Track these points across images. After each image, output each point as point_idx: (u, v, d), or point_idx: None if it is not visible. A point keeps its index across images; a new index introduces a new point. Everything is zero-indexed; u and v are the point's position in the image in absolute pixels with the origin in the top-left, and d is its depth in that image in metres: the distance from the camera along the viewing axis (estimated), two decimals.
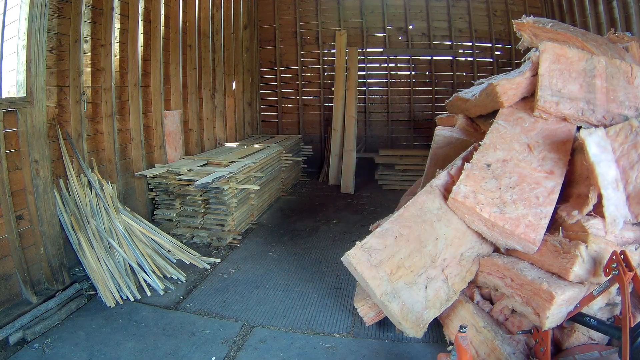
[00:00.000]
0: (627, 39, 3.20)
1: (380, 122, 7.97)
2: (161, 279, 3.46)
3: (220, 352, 2.62)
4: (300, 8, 7.89)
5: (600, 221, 2.22)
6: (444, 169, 2.84)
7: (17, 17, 2.98)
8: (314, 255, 4.18)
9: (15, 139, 3.05)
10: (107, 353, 2.59)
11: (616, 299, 2.23)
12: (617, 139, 2.35)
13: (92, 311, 3.06)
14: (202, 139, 5.98)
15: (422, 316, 2.41)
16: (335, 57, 7.53)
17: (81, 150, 3.74)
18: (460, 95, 3.64)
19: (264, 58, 8.19)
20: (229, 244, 4.39)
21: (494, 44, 7.35)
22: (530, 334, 2.26)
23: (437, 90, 7.61)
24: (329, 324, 2.95)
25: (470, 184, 2.50)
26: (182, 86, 5.37)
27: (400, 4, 7.53)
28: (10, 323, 2.70)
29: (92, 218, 3.47)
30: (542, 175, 2.51)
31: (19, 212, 3.05)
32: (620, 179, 2.26)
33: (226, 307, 3.18)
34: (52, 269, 3.21)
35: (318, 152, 7.95)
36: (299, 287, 3.49)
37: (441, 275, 2.50)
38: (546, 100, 2.73)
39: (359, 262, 2.43)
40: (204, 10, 5.96)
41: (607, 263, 1.92)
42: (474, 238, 2.59)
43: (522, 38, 3.14)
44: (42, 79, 3.10)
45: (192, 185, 4.18)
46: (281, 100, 8.24)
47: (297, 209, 5.82)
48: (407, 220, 2.58)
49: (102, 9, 3.97)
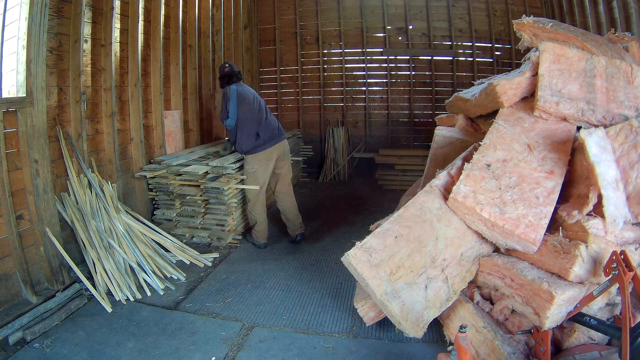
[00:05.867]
0: (627, 39, 3.19)
1: (380, 122, 7.96)
2: (161, 279, 3.46)
3: (220, 352, 2.62)
4: (300, 8, 7.89)
5: (600, 221, 2.21)
6: (444, 169, 2.83)
7: (17, 17, 2.98)
8: (314, 255, 4.17)
9: (15, 139, 3.05)
10: (107, 353, 2.59)
11: (616, 299, 2.23)
12: (617, 139, 2.35)
13: (92, 311, 3.06)
14: (202, 139, 5.98)
15: (422, 316, 2.41)
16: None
17: (81, 150, 3.74)
18: (460, 95, 3.64)
19: (264, 58, 8.19)
20: (229, 244, 4.39)
21: (494, 44, 7.34)
22: (530, 334, 2.26)
23: (437, 90, 7.59)
24: (329, 324, 2.95)
25: (470, 184, 2.50)
26: (182, 86, 5.36)
27: (400, 4, 7.52)
28: (10, 323, 2.70)
29: (92, 218, 3.47)
30: (542, 175, 2.51)
31: (19, 212, 3.05)
32: (620, 179, 2.26)
33: (226, 307, 3.18)
34: (52, 269, 3.21)
35: (318, 152, 7.95)
36: (299, 287, 3.49)
37: (441, 275, 2.50)
38: (546, 100, 2.73)
39: (359, 262, 2.42)
40: (204, 10, 5.96)
41: (607, 263, 1.92)
42: (474, 238, 2.59)
43: (522, 38, 3.14)
44: (42, 79, 3.10)
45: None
46: (281, 100, 8.24)
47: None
48: (407, 220, 2.58)
49: (102, 9, 3.97)
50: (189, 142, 5.62)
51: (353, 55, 7.88)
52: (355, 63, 7.89)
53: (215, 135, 6.35)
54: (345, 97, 7.98)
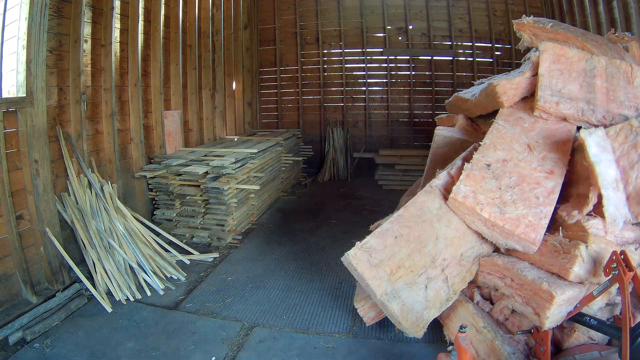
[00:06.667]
0: (627, 39, 3.20)
1: (380, 122, 7.97)
2: (161, 279, 3.46)
3: (220, 352, 2.62)
4: (300, 8, 7.89)
5: (600, 221, 2.21)
6: (444, 169, 2.83)
7: (17, 17, 2.98)
8: (314, 255, 4.17)
9: (15, 139, 3.05)
10: (107, 353, 2.59)
11: (616, 299, 2.23)
12: (617, 139, 2.35)
13: (92, 311, 3.06)
14: (202, 139, 5.98)
15: (422, 316, 2.41)
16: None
17: (81, 150, 3.74)
18: (460, 95, 3.64)
19: (264, 58, 8.19)
20: (229, 244, 4.39)
21: (494, 44, 7.35)
22: (530, 334, 2.26)
23: (437, 90, 7.61)
24: (329, 324, 2.95)
25: (470, 184, 2.50)
26: (182, 86, 5.37)
27: (400, 4, 7.53)
28: (10, 323, 2.70)
29: (92, 218, 3.47)
30: (542, 175, 2.51)
31: (19, 212, 3.05)
32: (620, 179, 2.26)
33: (226, 307, 3.18)
34: (52, 269, 3.21)
35: (318, 152, 7.96)
36: (299, 287, 3.49)
37: (441, 275, 2.50)
38: (546, 100, 2.73)
39: (359, 262, 2.42)
40: (204, 10, 5.96)
41: (607, 263, 1.92)
42: (474, 238, 2.59)
43: (522, 38, 3.14)
44: (42, 79, 3.10)
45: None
46: (281, 100, 8.24)
47: (297, 209, 5.82)
48: (407, 220, 2.58)
49: (102, 9, 3.97)
50: (189, 142, 5.62)
51: (353, 55, 7.89)
52: (355, 63, 7.90)
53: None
54: (345, 97, 7.99)
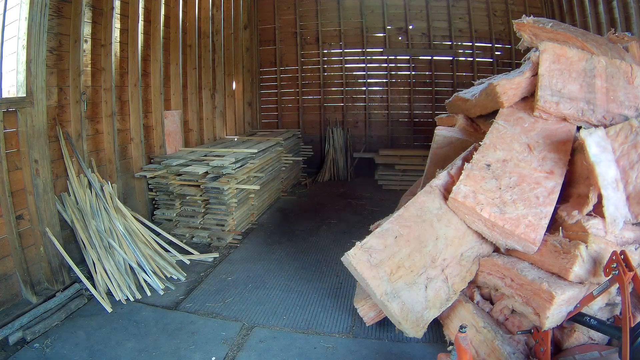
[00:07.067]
0: (627, 39, 3.20)
1: (380, 122, 7.97)
2: (161, 279, 3.46)
3: (220, 352, 2.62)
4: (300, 8, 7.89)
5: (600, 221, 2.22)
6: (444, 169, 2.83)
7: (17, 17, 2.98)
8: (314, 255, 4.17)
9: (15, 139, 3.05)
10: (107, 353, 2.59)
11: (616, 299, 2.23)
12: (617, 139, 2.35)
13: (92, 311, 3.06)
14: (202, 139, 5.98)
15: (422, 316, 2.41)
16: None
17: (81, 150, 3.74)
18: (460, 95, 3.64)
19: (264, 58, 8.19)
20: (229, 244, 4.39)
21: (494, 44, 7.35)
22: (530, 334, 2.26)
23: (437, 90, 7.60)
24: (329, 324, 2.95)
25: (470, 184, 2.50)
26: (182, 86, 5.37)
27: (400, 4, 7.53)
28: (10, 323, 2.70)
29: (92, 218, 3.47)
30: (542, 175, 2.51)
31: (19, 212, 3.05)
32: (620, 179, 2.26)
33: (226, 307, 3.18)
34: (52, 269, 3.21)
35: (318, 152, 7.96)
36: (299, 287, 3.49)
37: (441, 275, 2.50)
38: (546, 100, 2.73)
39: (359, 262, 2.42)
40: (204, 10, 5.96)
41: (607, 263, 1.92)
42: (474, 238, 2.59)
43: (522, 38, 3.14)
44: (42, 79, 3.10)
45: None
46: (281, 100, 8.24)
47: (297, 209, 5.82)
48: (407, 220, 2.58)
49: (102, 9, 3.97)
50: (189, 142, 5.62)
51: (353, 55, 7.89)
52: (355, 63, 7.90)
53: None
54: (345, 97, 7.99)
